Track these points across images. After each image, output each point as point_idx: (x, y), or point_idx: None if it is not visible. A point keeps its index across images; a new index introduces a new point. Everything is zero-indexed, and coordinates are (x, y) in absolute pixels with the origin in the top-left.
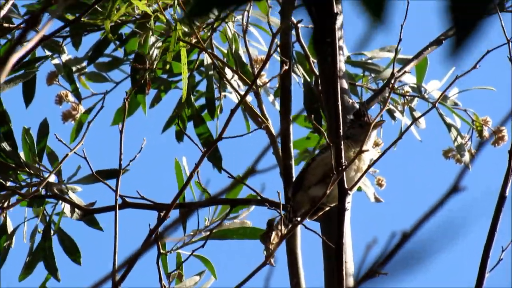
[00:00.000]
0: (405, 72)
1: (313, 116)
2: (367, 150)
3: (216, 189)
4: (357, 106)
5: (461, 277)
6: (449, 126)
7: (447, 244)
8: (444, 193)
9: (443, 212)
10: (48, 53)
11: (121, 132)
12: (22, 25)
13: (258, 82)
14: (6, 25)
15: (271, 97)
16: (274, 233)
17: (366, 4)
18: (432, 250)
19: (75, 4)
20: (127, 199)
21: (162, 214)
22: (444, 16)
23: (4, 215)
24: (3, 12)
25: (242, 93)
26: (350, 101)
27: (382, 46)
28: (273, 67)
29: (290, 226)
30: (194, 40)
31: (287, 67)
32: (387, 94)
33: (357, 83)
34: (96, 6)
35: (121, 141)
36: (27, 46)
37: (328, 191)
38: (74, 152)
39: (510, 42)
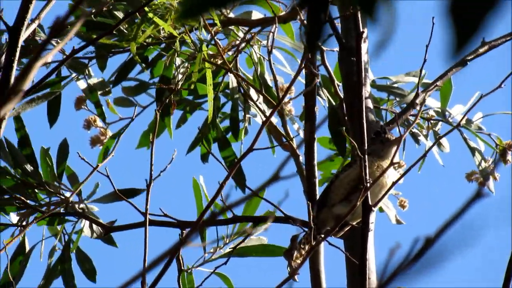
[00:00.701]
0: (428, 91)
1: (336, 138)
2: (398, 163)
3: (238, 210)
4: (380, 123)
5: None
6: (473, 150)
7: (468, 248)
8: (468, 198)
9: (467, 217)
10: (73, 73)
11: (152, 142)
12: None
13: (284, 107)
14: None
15: (296, 125)
16: (297, 250)
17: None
18: (453, 254)
19: (101, 25)
20: (150, 216)
21: (184, 231)
22: (445, 17)
23: (23, 234)
24: (28, 31)
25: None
26: (375, 120)
27: (408, 71)
28: (298, 92)
29: (314, 243)
30: (219, 62)
31: (316, 81)
32: (409, 116)
33: (381, 107)
34: (122, 28)
35: (151, 155)
36: (48, 58)
37: (353, 205)
38: (97, 171)
39: None
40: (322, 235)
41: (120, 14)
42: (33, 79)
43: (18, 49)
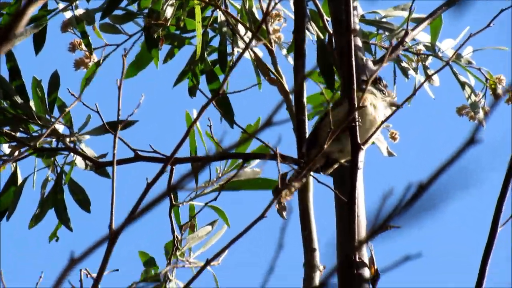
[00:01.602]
0: (417, 29)
1: (325, 71)
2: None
3: (227, 144)
4: (370, 64)
5: (475, 229)
6: (462, 84)
7: (460, 194)
8: (460, 145)
9: (457, 164)
10: (59, 2)
11: (119, 88)
12: None
13: (273, 38)
14: None
15: (284, 51)
16: (286, 187)
17: None
18: (446, 199)
19: None
20: (139, 152)
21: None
22: None
23: (14, 166)
24: None
25: (255, 49)
26: (364, 58)
27: (396, 5)
28: (289, 26)
29: (303, 180)
30: None
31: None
32: (400, 52)
33: (371, 42)
34: None
35: (119, 98)
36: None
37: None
38: (82, 103)
39: None
40: (311, 173)
41: None
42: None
43: None
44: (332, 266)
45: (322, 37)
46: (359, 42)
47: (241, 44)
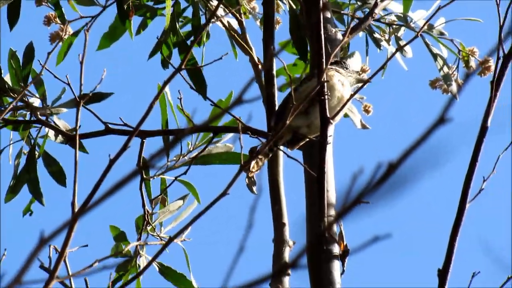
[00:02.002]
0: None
1: (298, 43)
2: (361, 69)
3: (200, 116)
4: (339, 36)
5: (444, 205)
6: (435, 56)
7: (430, 172)
8: (431, 124)
9: (428, 141)
10: None
11: (81, 63)
12: None
13: (247, 7)
14: None
15: (258, 22)
16: (254, 161)
17: None
18: (416, 177)
19: None
20: (110, 125)
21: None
22: None
23: None
24: None
25: (227, 18)
26: (334, 30)
27: None
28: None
29: (269, 154)
30: None
31: None
32: (371, 22)
33: (343, 12)
34: None
35: (81, 73)
36: None
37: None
38: (56, 76)
39: None
40: (281, 147)
41: None
42: None
43: None
44: (302, 244)
45: (295, 7)
46: (329, 14)
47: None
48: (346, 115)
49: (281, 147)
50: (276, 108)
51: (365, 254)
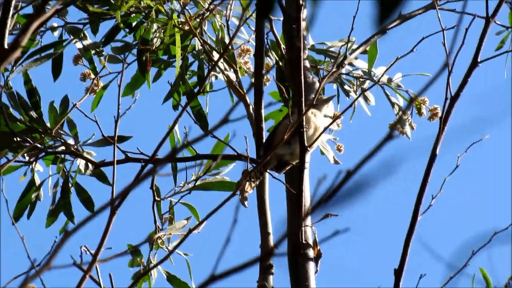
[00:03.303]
0: (354, 56)
1: (282, 91)
2: (335, 115)
3: (201, 148)
4: (316, 83)
5: (402, 217)
6: (393, 104)
7: (384, 181)
8: (380, 140)
9: (384, 155)
10: (70, 36)
11: (118, 114)
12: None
13: (243, 66)
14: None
15: (252, 78)
16: (247, 181)
17: None
18: (372, 185)
19: None
20: (130, 155)
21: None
22: None
23: (32, 172)
24: None
25: (227, 72)
26: (311, 77)
27: (341, 38)
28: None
29: (260, 177)
30: (187, 28)
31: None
32: (341, 73)
33: (319, 67)
34: None
35: (118, 112)
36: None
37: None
38: (88, 117)
39: (444, 31)
40: (268, 171)
41: None
42: (41, 42)
43: (11, 9)
44: (283, 248)
45: (280, 63)
46: (308, 64)
47: (217, 69)
48: (322, 153)
49: (268, 170)
50: (264, 141)
51: (333, 258)
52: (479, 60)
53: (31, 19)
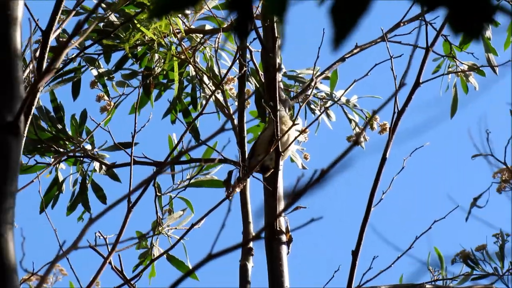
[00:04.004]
0: (319, 80)
1: (260, 110)
2: (297, 124)
3: (193, 153)
4: (289, 101)
5: (358, 207)
6: (350, 120)
7: (340, 177)
8: (348, 146)
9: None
10: (88, 64)
11: (135, 129)
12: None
13: (230, 93)
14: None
15: (236, 102)
16: (232, 185)
17: (270, 6)
18: (330, 180)
19: (106, 32)
20: (136, 159)
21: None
22: (328, 18)
23: (56, 171)
24: (55, 35)
25: (215, 94)
26: (284, 96)
27: (308, 67)
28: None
29: (247, 180)
30: (183, 57)
31: (243, 71)
32: (307, 93)
33: (290, 89)
34: (120, 34)
35: (135, 123)
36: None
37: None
38: (102, 127)
39: (392, 59)
40: (251, 173)
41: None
42: (61, 66)
43: (48, 46)
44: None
45: (258, 86)
46: (282, 86)
47: (206, 91)
48: (292, 160)
49: (253, 174)
50: (248, 151)
51: (302, 242)
52: (420, 81)
53: (61, 48)
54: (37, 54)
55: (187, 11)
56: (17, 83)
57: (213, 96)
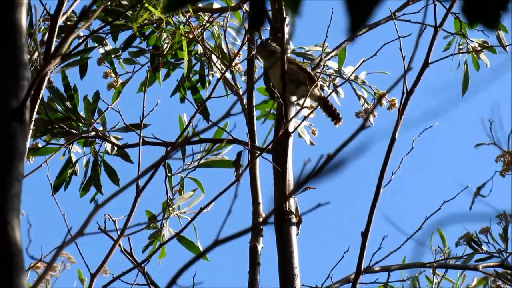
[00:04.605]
0: (328, 58)
1: (268, 87)
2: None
3: (203, 133)
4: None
5: (368, 188)
6: (359, 96)
7: (355, 162)
8: (356, 129)
9: (356, 140)
10: (95, 44)
11: (143, 113)
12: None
13: (236, 68)
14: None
15: (243, 78)
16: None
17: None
18: (346, 165)
19: (114, 11)
20: (146, 139)
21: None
22: (344, 6)
23: (69, 153)
24: (63, 18)
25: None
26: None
27: (316, 43)
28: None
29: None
30: (191, 36)
31: (253, 53)
32: (318, 71)
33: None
34: (127, 13)
35: (143, 106)
36: (76, 34)
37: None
38: (112, 108)
39: (400, 38)
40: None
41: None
42: (71, 47)
43: (56, 30)
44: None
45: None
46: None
47: (215, 69)
48: (300, 136)
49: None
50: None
51: (311, 223)
52: (429, 62)
53: (68, 33)
54: (45, 38)
55: None
56: (23, 68)
57: (219, 74)
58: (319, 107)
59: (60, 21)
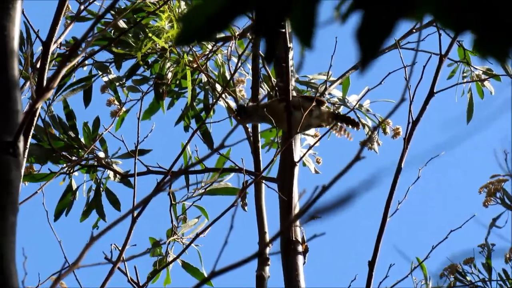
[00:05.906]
0: (332, 86)
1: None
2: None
3: (206, 161)
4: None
5: (374, 218)
6: (363, 125)
7: (365, 194)
8: (350, 161)
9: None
10: (99, 72)
11: (138, 139)
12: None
13: (239, 95)
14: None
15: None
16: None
17: (299, 35)
18: (353, 197)
19: (118, 41)
20: (151, 168)
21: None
22: (354, 41)
23: (70, 179)
24: (55, 46)
25: (228, 100)
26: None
27: (320, 72)
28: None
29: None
30: (195, 65)
31: (257, 81)
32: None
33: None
34: (131, 42)
35: (138, 132)
36: (71, 64)
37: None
38: (113, 135)
39: (405, 68)
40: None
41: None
42: (74, 75)
43: (49, 57)
44: (277, 244)
45: (271, 92)
46: (294, 93)
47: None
48: (304, 164)
49: (264, 182)
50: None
51: (318, 252)
52: (435, 91)
53: (61, 65)
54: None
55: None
56: (15, 101)
57: (225, 103)
58: (335, 122)
59: (53, 49)
